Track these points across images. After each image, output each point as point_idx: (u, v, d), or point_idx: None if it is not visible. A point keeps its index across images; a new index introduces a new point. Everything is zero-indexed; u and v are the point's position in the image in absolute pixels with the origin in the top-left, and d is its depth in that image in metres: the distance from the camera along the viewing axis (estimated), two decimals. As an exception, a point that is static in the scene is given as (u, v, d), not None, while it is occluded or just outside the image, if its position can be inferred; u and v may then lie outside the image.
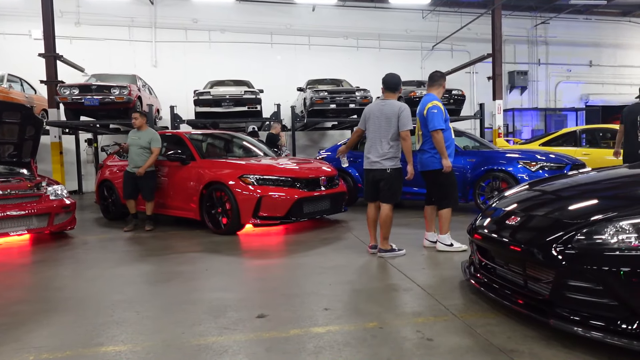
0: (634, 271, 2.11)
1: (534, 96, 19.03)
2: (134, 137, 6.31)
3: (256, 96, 11.20)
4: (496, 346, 2.38)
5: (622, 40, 19.61)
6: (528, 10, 17.93)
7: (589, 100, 19.51)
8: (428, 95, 4.59)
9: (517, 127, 18.52)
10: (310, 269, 4.08)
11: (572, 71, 19.25)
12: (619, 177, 3.23)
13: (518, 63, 18.58)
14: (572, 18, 18.65)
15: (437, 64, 17.02)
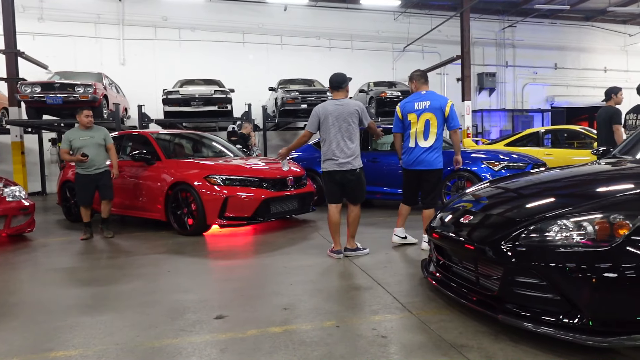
0: (575, 267, 2.19)
1: (502, 97, 19.49)
2: (86, 137, 5.65)
3: (226, 95, 11.11)
4: (447, 342, 2.43)
5: (585, 44, 20.30)
6: (496, 13, 18.37)
7: (554, 102, 20.13)
8: (434, 93, 4.56)
9: (486, 128, 18.91)
10: (273, 269, 4.08)
11: (538, 73, 19.81)
12: (576, 176, 3.28)
13: (487, 65, 19.00)
14: (537, 22, 19.20)
15: (408, 65, 17.25)
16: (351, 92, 14.56)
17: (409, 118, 4.53)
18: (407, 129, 4.58)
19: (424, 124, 4.44)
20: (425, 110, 4.45)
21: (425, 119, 4.44)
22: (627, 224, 2.18)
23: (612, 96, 6.28)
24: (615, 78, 20.72)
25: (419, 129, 4.46)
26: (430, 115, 4.43)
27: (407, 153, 4.59)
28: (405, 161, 4.62)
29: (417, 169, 4.53)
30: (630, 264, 2.11)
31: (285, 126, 14.15)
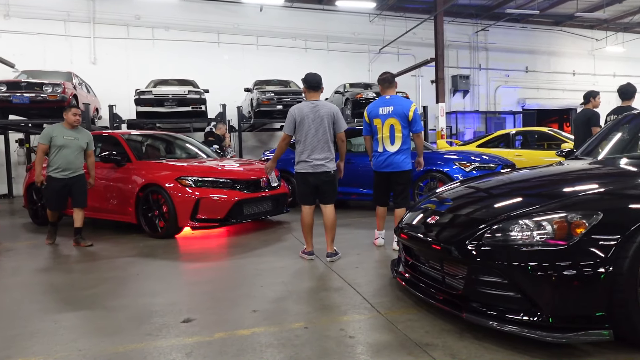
0: (535, 265, 2.25)
1: (476, 99, 19.86)
2: (70, 137, 5.27)
3: (201, 96, 10.99)
4: (413, 340, 2.46)
5: (555, 48, 20.88)
6: (469, 17, 18.70)
7: (526, 104, 20.63)
8: (400, 97, 4.66)
9: (460, 129, 19.24)
10: (245, 272, 4.06)
11: (510, 76, 20.26)
12: (539, 177, 3.36)
13: (461, 67, 19.33)
14: (509, 26, 19.64)
15: (384, 67, 17.30)
16: (327, 93, 14.65)
17: (375, 123, 4.61)
18: (375, 133, 4.66)
19: (389, 129, 4.53)
20: (389, 116, 4.52)
21: (390, 124, 4.52)
22: (584, 223, 2.24)
23: (591, 99, 6.44)
24: (584, 81, 21.39)
25: (385, 134, 4.56)
26: (394, 120, 4.52)
27: (376, 156, 4.67)
28: (375, 164, 4.68)
29: (386, 171, 4.61)
30: (587, 262, 2.18)
31: (261, 127, 14.08)
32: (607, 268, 2.14)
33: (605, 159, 3.59)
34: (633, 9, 18.77)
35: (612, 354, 2.22)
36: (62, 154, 5.23)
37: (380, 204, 4.80)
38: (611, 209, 2.34)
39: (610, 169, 3.21)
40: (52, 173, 5.24)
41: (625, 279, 2.13)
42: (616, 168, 3.22)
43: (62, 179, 5.25)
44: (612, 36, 20.86)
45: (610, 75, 21.82)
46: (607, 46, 20.76)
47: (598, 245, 2.18)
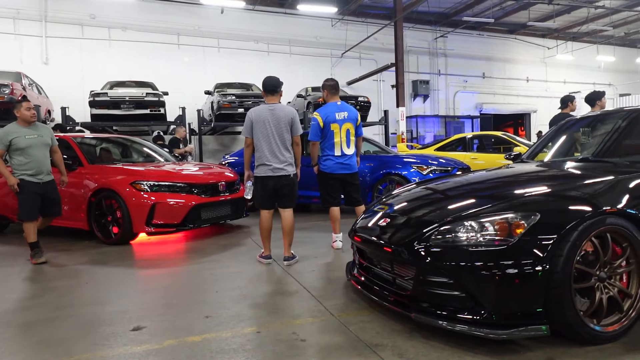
0: (477, 265, 2.33)
1: (436, 104, 20.40)
2: (33, 135, 4.67)
3: (159, 98, 10.77)
4: (364, 342, 2.50)
5: (510, 56, 21.74)
6: (428, 24, 19.21)
7: (483, 109, 21.36)
8: (346, 103, 4.92)
9: (421, 133, 19.69)
10: (200, 277, 4.00)
11: (468, 82, 20.95)
12: (490, 179, 3.47)
13: (421, 73, 19.81)
14: (467, 33, 20.31)
15: (346, 71, 17.65)
16: (289, 97, 14.67)
17: (332, 128, 4.75)
18: (329, 138, 4.77)
19: (346, 133, 4.77)
20: (345, 121, 4.76)
21: (347, 129, 4.77)
22: (523, 224, 2.35)
23: (568, 104, 6.68)
24: (536, 87, 22.40)
25: (343, 139, 4.75)
26: (349, 125, 4.79)
27: (331, 160, 4.80)
28: (331, 167, 4.80)
29: (343, 174, 4.80)
30: (526, 261, 2.27)
31: (223, 130, 13.92)
32: (544, 266, 2.25)
33: (547, 162, 3.77)
34: (581, 20, 19.81)
35: (549, 347, 2.33)
36: (30, 156, 4.62)
37: (335, 204, 4.92)
38: (548, 209, 2.46)
39: (550, 172, 3.37)
40: (25, 176, 4.60)
41: (561, 277, 2.24)
42: (556, 170, 3.39)
43: (37, 183, 4.67)
44: (562, 45, 21.92)
45: (561, 82, 22.91)
46: (558, 54, 21.80)
47: (536, 245, 2.29)
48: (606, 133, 3.87)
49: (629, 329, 2.41)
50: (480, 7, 17.93)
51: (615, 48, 23.50)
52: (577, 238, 2.28)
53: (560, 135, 4.26)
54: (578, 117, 4.33)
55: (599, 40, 22.34)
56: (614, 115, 3.98)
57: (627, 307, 2.42)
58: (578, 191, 2.58)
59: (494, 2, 16.99)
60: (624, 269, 2.44)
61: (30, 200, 4.66)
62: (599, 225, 2.34)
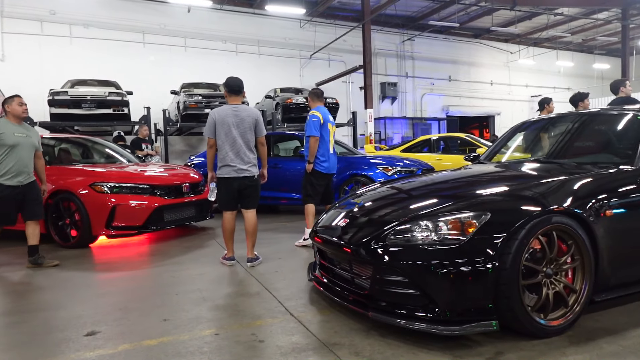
0: (431, 263, 2.39)
1: (403, 106, 20.70)
2: (22, 133, 4.41)
3: (123, 98, 10.50)
4: (322, 341, 2.52)
5: (475, 59, 22.29)
6: (396, 27, 19.47)
7: (449, 111, 21.81)
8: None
9: (389, 135, 19.93)
10: (160, 280, 3.93)
11: (435, 84, 21.34)
12: (448, 180, 3.55)
13: (389, 75, 20.05)
14: (433, 37, 20.69)
15: (315, 73, 17.68)
16: (258, 98, 14.58)
17: (329, 127, 5.14)
18: (325, 137, 5.09)
19: (333, 135, 5.26)
20: (333, 123, 5.30)
21: (334, 131, 5.28)
22: (475, 223, 2.42)
23: (545, 106, 6.86)
24: (500, 91, 23.05)
25: (332, 139, 5.22)
26: (335, 128, 5.34)
27: (327, 159, 5.12)
28: (326, 167, 5.13)
29: (332, 173, 5.26)
30: (477, 259, 2.35)
31: (189, 131, 13.71)
32: (494, 263, 2.33)
33: (502, 163, 3.90)
34: (541, 26, 20.52)
35: (499, 342, 2.41)
36: (15, 156, 4.32)
37: (317, 202, 5.17)
38: (498, 209, 2.55)
39: (504, 172, 3.49)
40: (2, 180, 4.30)
41: (509, 273, 2.33)
42: (509, 171, 3.51)
43: (16, 187, 4.36)
44: (524, 50, 22.64)
45: (524, 85, 23.67)
46: (520, 59, 22.49)
47: (486, 243, 2.37)
48: (557, 135, 4.03)
49: (573, 322, 2.53)
50: (446, 11, 18.30)
51: (573, 54, 24.45)
52: (524, 236, 2.37)
53: (517, 137, 4.42)
54: (533, 120, 4.49)
55: (558, 46, 23.19)
56: (566, 119, 4.14)
57: (572, 301, 2.53)
58: (527, 191, 2.68)
59: (458, 7, 17.37)
60: (569, 265, 2.55)
61: (15, 204, 4.39)
62: (545, 224, 2.44)
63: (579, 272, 2.57)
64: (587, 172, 2.92)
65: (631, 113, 3.41)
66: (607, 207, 2.63)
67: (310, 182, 5.12)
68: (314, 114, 5.04)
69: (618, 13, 19.43)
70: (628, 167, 2.96)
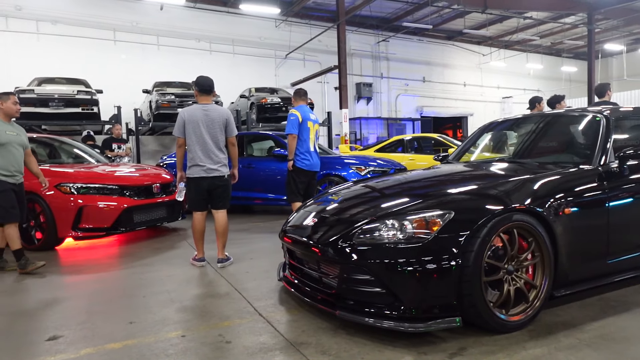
0: (396, 262, 2.42)
1: (378, 106, 20.88)
2: (13, 132, 4.30)
3: (92, 97, 10.26)
4: (289, 340, 2.52)
5: (448, 61, 22.67)
6: (371, 28, 19.63)
7: (423, 112, 22.13)
8: None
9: (364, 135, 20.07)
10: (128, 282, 3.86)
11: (409, 85, 21.62)
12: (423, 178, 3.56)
13: (364, 75, 20.20)
14: (407, 38, 20.96)
15: (290, 72, 17.67)
16: (233, 97, 14.46)
17: (308, 125, 5.18)
18: (305, 135, 5.13)
19: (315, 133, 5.28)
20: (316, 122, 5.35)
21: (316, 130, 5.32)
22: (439, 221, 2.47)
23: (537, 105, 6.98)
24: (473, 92, 23.52)
25: (313, 137, 5.24)
26: (317, 126, 5.38)
27: (308, 157, 5.18)
28: (308, 164, 5.19)
29: (315, 170, 5.29)
30: (441, 256, 2.39)
31: (162, 131, 13.49)
32: (457, 261, 2.38)
33: (469, 162, 3.98)
34: (512, 29, 21.03)
35: (463, 338, 2.46)
36: (9, 154, 4.22)
37: (301, 200, 5.16)
38: (462, 207, 2.60)
39: (469, 172, 3.56)
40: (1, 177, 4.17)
41: (472, 271, 2.38)
42: (475, 170, 3.59)
43: (13, 184, 4.24)
44: (495, 52, 23.16)
45: (495, 87, 24.21)
46: (492, 61, 22.99)
47: (450, 241, 2.41)
48: (522, 136, 4.15)
49: (534, 317, 2.60)
50: (419, 13, 18.55)
51: (542, 56, 25.16)
52: (486, 234, 2.43)
53: (484, 137, 4.51)
54: (500, 120, 4.60)
55: (528, 49, 23.80)
56: (530, 120, 4.27)
57: (533, 297, 2.61)
58: (490, 190, 2.75)
59: (432, 9, 17.63)
60: (530, 262, 2.63)
61: (9, 199, 4.18)
62: (506, 222, 2.50)
63: (539, 268, 2.64)
64: (548, 171, 3.01)
65: (591, 114, 3.53)
66: (565, 206, 2.72)
67: (293, 179, 5.20)
68: (293, 112, 5.14)
69: (584, 18, 20.07)
70: (587, 167, 3.07)
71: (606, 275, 2.98)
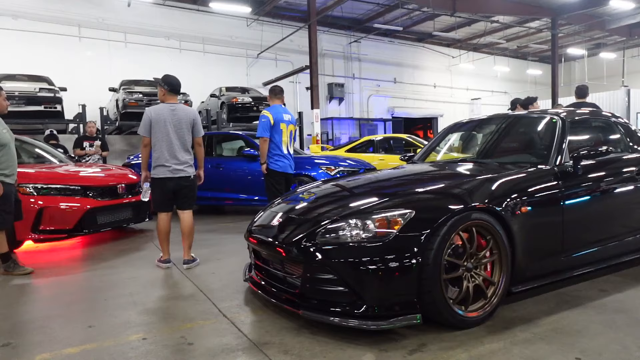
0: (359, 260, 2.44)
1: (350, 107, 21.02)
2: (4, 129, 4.13)
3: (55, 94, 9.94)
4: (252, 341, 2.51)
5: (419, 62, 23.02)
6: (343, 28, 19.75)
7: (395, 112, 22.40)
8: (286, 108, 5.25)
9: (336, 135, 20.15)
10: (90, 285, 3.77)
11: (381, 86, 21.85)
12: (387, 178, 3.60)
13: (336, 76, 20.29)
14: (379, 39, 21.18)
15: (262, 72, 17.58)
16: (203, 96, 14.27)
17: (281, 127, 5.00)
18: (278, 137, 4.97)
19: (289, 134, 5.09)
20: (290, 122, 5.12)
21: (290, 130, 5.12)
22: (400, 220, 2.51)
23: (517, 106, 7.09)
24: (443, 94, 23.96)
25: (287, 138, 5.06)
26: (293, 127, 5.18)
27: (281, 158, 4.99)
28: (282, 165, 5.00)
29: (289, 172, 5.08)
30: (402, 255, 2.43)
31: (130, 130, 13.20)
32: (417, 259, 2.42)
33: (432, 162, 4.06)
34: (480, 32, 21.54)
35: (423, 334, 2.51)
36: (10, 153, 4.07)
37: None
38: (422, 207, 2.65)
39: (432, 172, 3.64)
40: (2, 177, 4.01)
41: (432, 268, 2.43)
42: (438, 170, 3.67)
43: (14, 184, 4.15)
44: (464, 54, 23.68)
45: (464, 88, 24.74)
46: (461, 63, 23.51)
47: (411, 240, 2.46)
48: (485, 137, 4.26)
49: (492, 313, 2.68)
50: (390, 15, 18.77)
51: (509, 59, 25.86)
52: (446, 232, 2.48)
53: (449, 138, 4.61)
54: (464, 121, 4.70)
55: (495, 52, 24.44)
56: (493, 121, 4.38)
57: (491, 293, 2.68)
58: (450, 189, 2.82)
59: (402, 11, 17.88)
60: (488, 259, 2.70)
61: (10, 203, 4.09)
62: (465, 220, 2.57)
63: (497, 265, 2.72)
64: (507, 171, 3.11)
65: (548, 116, 3.65)
66: (522, 204, 2.81)
67: (271, 183, 5.02)
68: (264, 114, 4.94)
69: (548, 23, 20.74)
70: (543, 167, 3.18)
71: (561, 271, 3.10)
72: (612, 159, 3.56)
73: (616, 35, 22.56)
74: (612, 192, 3.43)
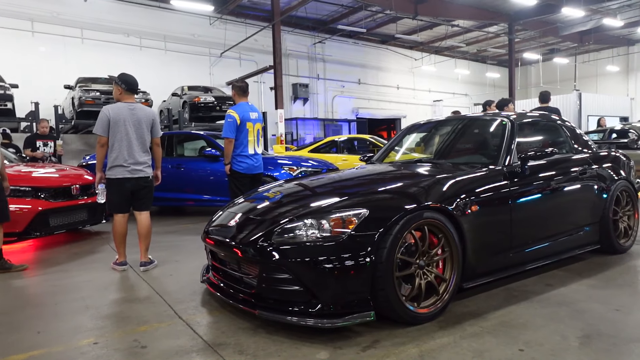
0: (314, 260, 2.47)
1: (315, 107, 21.09)
2: None
3: (6, 91, 9.51)
4: (207, 342, 2.50)
5: (383, 64, 23.36)
6: (307, 29, 19.79)
7: (359, 113, 22.64)
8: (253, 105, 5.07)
9: (301, 135, 20.17)
10: (40, 290, 3.64)
11: (345, 87, 22.04)
12: (345, 179, 3.63)
13: (300, 76, 20.32)
14: (343, 41, 21.36)
15: (226, 71, 17.39)
16: (164, 95, 13.97)
17: (247, 126, 4.83)
18: (244, 136, 4.81)
19: (256, 132, 4.92)
20: (257, 121, 4.95)
21: (258, 129, 4.95)
22: (354, 220, 2.56)
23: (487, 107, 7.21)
24: (406, 95, 24.41)
25: (255, 137, 4.90)
26: (259, 125, 4.99)
27: (247, 159, 4.84)
28: (247, 167, 4.84)
29: (256, 173, 4.94)
30: (356, 253, 2.48)
31: (86, 129, 12.76)
32: (371, 257, 2.48)
33: (390, 163, 4.15)
34: (441, 36, 22.08)
35: (377, 331, 2.56)
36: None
37: None
38: (376, 206, 2.71)
39: (388, 172, 3.71)
40: None
41: (385, 266, 2.49)
42: (394, 171, 3.75)
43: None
44: (426, 57, 24.20)
45: (427, 90, 25.30)
46: (423, 65, 24.02)
47: (364, 239, 2.51)
48: (441, 137, 4.39)
49: (444, 309, 2.77)
50: (354, 17, 18.97)
51: (469, 63, 26.65)
52: (398, 231, 2.55)
53: (407, 138, 4.72)
54: (422, 122, 4.82)
55: (456, 55, 25.11)
56: (449, 123, 4.52)
57: (442, 290, 2.77)
58: (403, 189, 2.89)
59: (366, 13, 18.10)
60: (440, 256, 2.79)
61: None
62: (417, 219, 2.64)
63: (449, 262, 2.82)
64: (459, 171, 3.22)
65: (499, 119, 3.80)
66: (472, 203, 2.92)
67: (233, 184, 4.91)
68: (230, 113, 4.78)
69: (505, 28, 21.50)
70: (493, 167, 3.31)
71: (510, 267, 3.24)
72: (558, 160, 3.75)
73: (568, 41, 23.64)
74: (557, 191, 3.61)
